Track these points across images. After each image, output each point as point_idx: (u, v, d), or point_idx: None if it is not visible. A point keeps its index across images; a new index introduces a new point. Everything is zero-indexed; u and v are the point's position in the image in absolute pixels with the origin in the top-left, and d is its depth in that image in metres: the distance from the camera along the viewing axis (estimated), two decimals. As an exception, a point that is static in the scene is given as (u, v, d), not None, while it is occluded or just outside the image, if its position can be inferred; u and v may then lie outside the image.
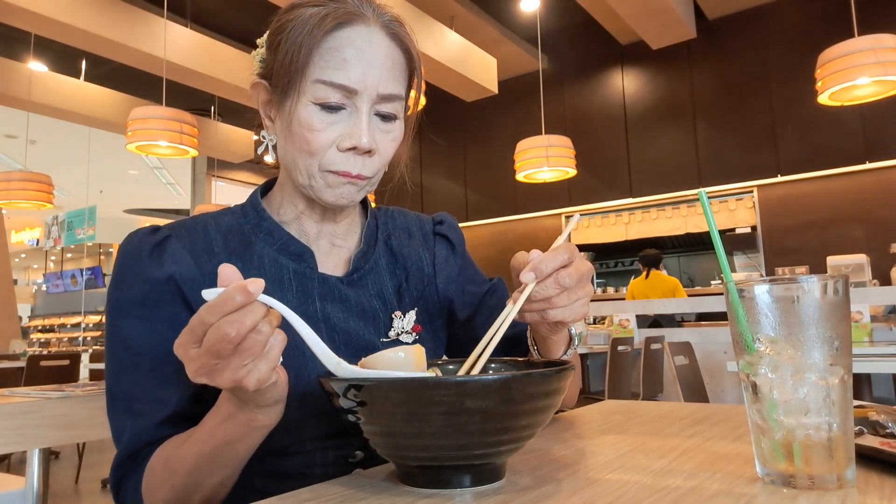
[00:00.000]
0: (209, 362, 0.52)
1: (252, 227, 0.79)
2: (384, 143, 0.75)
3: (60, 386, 1.58)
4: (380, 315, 0.81)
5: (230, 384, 0.52)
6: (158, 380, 0.69)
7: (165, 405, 0.69)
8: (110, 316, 0.72)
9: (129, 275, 0.72)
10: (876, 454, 0.54)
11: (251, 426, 0.60)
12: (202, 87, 6.32)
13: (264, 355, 0.52)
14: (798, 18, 6.16)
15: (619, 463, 0.60)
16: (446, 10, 6.34)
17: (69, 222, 11.31)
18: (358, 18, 0.73)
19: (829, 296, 0.49)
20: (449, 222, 0.95)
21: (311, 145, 0.71)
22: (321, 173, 0.73)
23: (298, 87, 0.71)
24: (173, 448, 0.66)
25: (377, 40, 0.73)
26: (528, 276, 0.64)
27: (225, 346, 0.50)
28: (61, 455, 5.10)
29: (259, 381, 0.53)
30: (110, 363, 0.72)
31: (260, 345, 0.52)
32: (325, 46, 0.71)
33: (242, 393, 0.57)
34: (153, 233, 0.75)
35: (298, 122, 0.71)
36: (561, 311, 0.65)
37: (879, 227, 5.71)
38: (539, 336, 0.76)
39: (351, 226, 0.86)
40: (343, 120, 0.72)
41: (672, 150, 6.76)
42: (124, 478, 0.69)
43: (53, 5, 4.90)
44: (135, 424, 0.69)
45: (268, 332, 0.52)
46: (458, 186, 8.21)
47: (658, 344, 4.02)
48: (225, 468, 0.63)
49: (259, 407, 0.59)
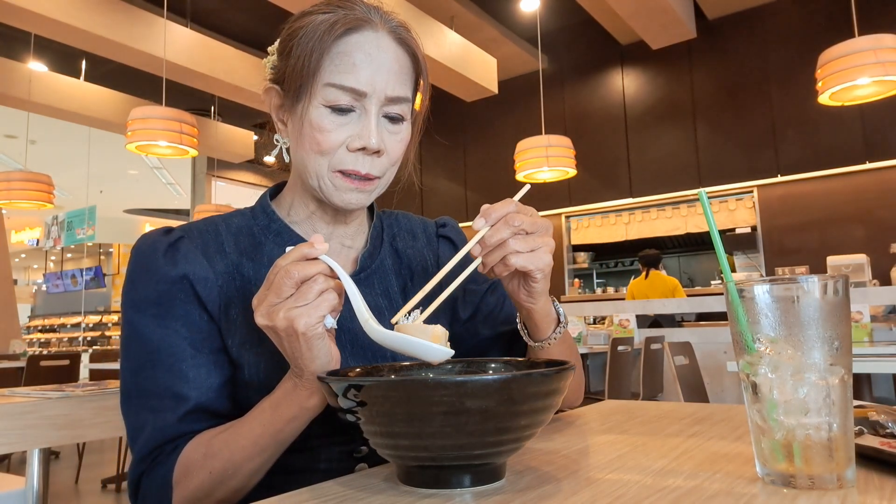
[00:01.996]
0: (272, 301, 0.60)
1: (262, 229, 0.82)
2: (392, 144, 0.77)
3: (60, 386, 1.58)
4: (385, 314, 0.83)
5: (283, 323, 0.60)
6: (176, 376, 0.71)
7: (185, 400, 0.70)
8: (126, 315, 0.74)
9: (144, 274, 0.74)
10: (876, 454, 0.54)
11: (302, 405, 0.65)
12: (202, 87, 6.32)
13: (316, 304, 0.60)
14: (798, 18, 6.17)
15: (619, 463, 0.60)
16: (446, 10, 6.34)
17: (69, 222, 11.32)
18: (366, 24, 0.75)
19: (829, 296, 0.49)
20: (451, 225, 0.98)
21: (321, 146, 0.74)
22: (331, 174, 0.75)
23: (310, 91, 0.74)
24: (216, 433, 0.69)
25: (385, 45, 0.76)
26: (479, 223, 0.68)
27: (286, 285, 0.60)
28: (61, 455, 5.10)
29: (307, 324, 0.59)
30: (126, 361, 0.73)
31: (314, 293, 0.60)
32: (335, 51, 0.74)
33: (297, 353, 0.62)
34: (167, 234, 0.77)
35: (310, 124, 0.74)
36: (523, 257, 0.68)
37: (879, 227, 5.71)
38: (523, 310, 0.77)
39: (359, 227, 0.88)
40: (353, 122, 0.74)
41: (672, 150, 6.76)
42: (145, 473, 0.70)
43: (53, 5, 4.90)
44: (155, 420, 0.70)
45: (323, 284, 0.61)
46: (458, 186, 8.21)
47: (658, 344, 4.02)
48: (264, 452, 0.66)
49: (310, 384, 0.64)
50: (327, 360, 0.63)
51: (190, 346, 0.72)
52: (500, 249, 0.68)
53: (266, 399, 0.68)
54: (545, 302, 0.76)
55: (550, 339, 0.79)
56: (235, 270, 0.77)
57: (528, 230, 0.68)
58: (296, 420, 0.66)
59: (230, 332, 0.75)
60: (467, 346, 0.92)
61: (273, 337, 0.63)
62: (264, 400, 0.68)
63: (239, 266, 0.78)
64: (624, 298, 6.16)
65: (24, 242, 14.35)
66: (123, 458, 4.04)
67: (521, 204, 0.69)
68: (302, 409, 0.65)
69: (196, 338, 0.73)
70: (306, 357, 0.62)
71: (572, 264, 7.70)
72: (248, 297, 0.75)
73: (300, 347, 0.62)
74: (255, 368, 0.74)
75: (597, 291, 7.77)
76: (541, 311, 0.77)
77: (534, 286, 0.72)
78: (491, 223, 0.67)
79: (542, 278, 0.71)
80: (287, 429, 0.66)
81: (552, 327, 0.79)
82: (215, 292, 0.75)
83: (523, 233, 0.68)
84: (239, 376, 0.74)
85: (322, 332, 0.62)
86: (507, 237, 0.67)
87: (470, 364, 0.69)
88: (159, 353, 0.71)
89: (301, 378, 0.65)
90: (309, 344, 0.61)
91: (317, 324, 0.60)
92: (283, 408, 0.66)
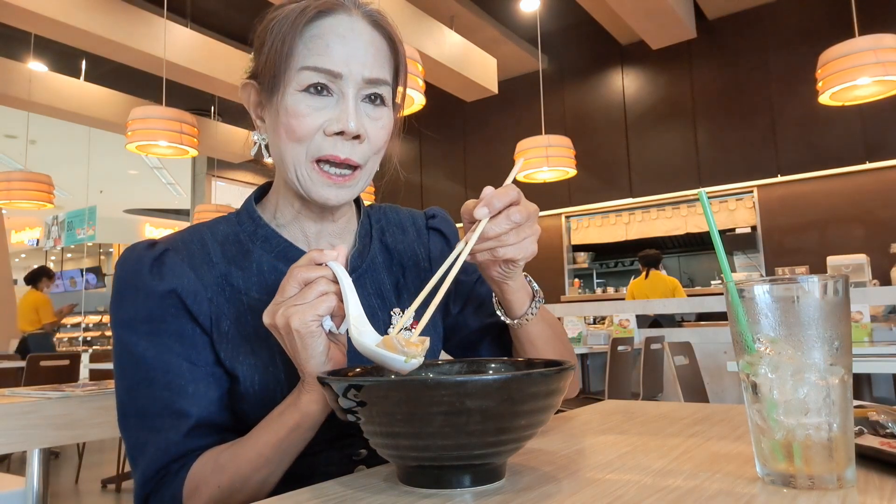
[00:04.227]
0: (277, 300, 0.63)
1: (248, 235, 0.79)
2: (374, 130, 0.74)
3: (60, 386, 1.58)
4: (378, 314, 0.81)
5: (282, 320, 0.62)
6: (175, 393, 0.69)
7: (187, 417, 0.69)
8: (117, 333, 0.72)
9: (131, 291, 0.72)
10: (876, 454, 0.54)
11: (303, 412, 0.65)
12: (202, 87, 6.32)
13: (313, 303, 0.62)
14: (798, 18, 6.16)
15: (619, 463, 0.59)
16: (446, 10, 6.34)
17: (69, 222, 11.31)
18: (339, 7, 0.74)
19: (829, 296, 0.49)
20: (441, 216, 0.96)
21: (296, 132, 0.72)
22: (308, 165, 0.73)
23: (284, 79, 0.72)
24: (224, 448, 0.68)
25: (359, 28, 0.74)
26: (481, 212, 0.66)
27: (290, 286, 0.63)
28: (61, 455, 5.10)
29: (301, 321, 0.61)
30: (122, 381, 0.72)
31: (314, 294, 0.62)
32: (307, 35, 0.72)
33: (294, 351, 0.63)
34: (151, 247, 0.75)
35: (286, 112, 0.72)
36: (511, 248, 0.68)
37: (879, 227, 5.71)
38: (498, 287, 0.76)
39: (348, 225, 0.86)
40: (330, 106, 0.72)
41: (672, 150, 6.76)
42: (153, 493, 0.69)
43: (53, 5, 4.89)
44: (158, 440, 0.69)
45: (324, 287, 0.63)
46: (458, 186, 8.20)
47: (658, 344, 4.02)
48: (270, 463, 0.66)
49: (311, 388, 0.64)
50: (323, 360, 0.63)
51: (185, 360, 0.71)
52: (494, 241, 0.67)
53: (275, 409, 0.68)
54: (519, 277, 0.76)
55: (528, 315, 0.78)
56: (224, 280, 0.75)
57: (520, 222, 0.67)
58: (299, 428, 0.65)
59: (223, 343, 0.73)
60: (459, 336, 0.91)
61: (277, 336, 0.64)
62: (273, 410, 0.68)
63: (227, 275, 0.76)
64: (624, 298, 6.16)
65: (24, 242, 14.34)
66: (123, 458, 4.04)
67: (517, 189, 0.68)
68: (303, 415, 0.65)
69: (190, 352, 0.72)
70: (302, 356, 0.63)
71: (572, 264, 7.70)
72: (239, 307, 0.74)
73: (297, 345, 0.62)
74: (250, 380, 0.73)
75: (597, 291, 7.77)
76: (515, 287, 0.76)
77: (513, 268, 0.72)
78: (493, 214, 0.66)
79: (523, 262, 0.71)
80: (290, 437, 0.66)
81: (527, 302, 0.78)
82: (205, 305, 0.73)
83: (517, 225, 0.67)
84: (234, 388, 0.73)
85: (317, 330, 0.62)
86: (504, 231, 0.67)
87: (470, 364, 0.69)
88: (155, 370, 0.70)
89: (303, 382, 0.65)
90: (304, 342, 0.62)
91: (311, 321, 0.61)
92: (287, 416, 0.66)
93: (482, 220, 0.66)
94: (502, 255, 0.68)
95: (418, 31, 5.85)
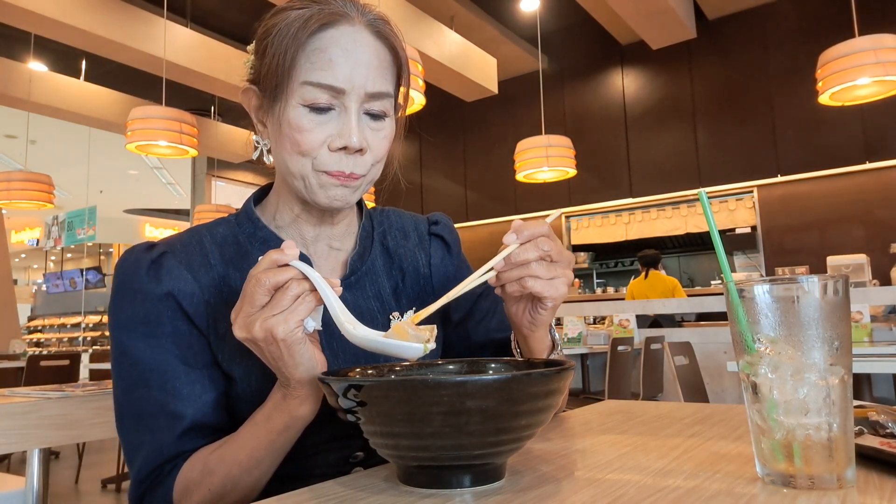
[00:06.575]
0: (248, 311, 0.60)
1: (247, 237, 0.79)
2: (375, 142, 0.74)
3: (60, 386, 1.58)
4: (378, 317, 0.81)
5: (261, 333, 0.59)
6: (170, 394, 0.70)
7: (181, 419, 0.69)
8: (114, 335, 0.73)
9: (128, 293, 0.73)
10: (876, 454, 0.54)
11: (292, 414, 0.64)
12: (202, 87, 6.32)
13: (292, 309, 0.59)
14: (798, 18, 6.16)
15: (619, 463, 0.60)
16: (446, 10, 6.34)
17: (69, 222, 11.31)
18: (342, 18, 0.72)
19: (829, 296, 0.49)
20: (444, 222, 0.95)
21: (301, 146, 0.71)
22: (315, 173, 0.73)
23: (286, 90, 0.71)
24: (212, 450, 0.68)
25: (362, 39, 0.73)
26: (509, 238, 0.66)
27: (258, 294, 0.59)
28: (61, 455, 5.10)
29: (286, 331, 0.59)
30: (119, 382, 0.72)
31: (289, 299, 0.59)
32: (310, 48, 0.71)
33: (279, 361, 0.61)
34: (149, 249, 0.75)
35: (288, 125, 0.71)
36: (541, 283, 0.67)
37: (879, 227, 5.71)
38: (521, 335, 0.76)
39: (348, 228, 0.85)
40: (332, 120, 0.72)
41: (672, 150, 6.76)
42: (147, 494, 0.70)
43: (53, 5, 4.90)
44: (153, 440, 0.69)
45: (297, 289, 0.60)
46: (457, 186, 8.20)
47: (658, 344, 4.02)
48: (261, 464, 0.66)
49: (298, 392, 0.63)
50: (311, 364, 0.62)
51: (182, 363, 0.71)
52: (522, 269, 0.66)
53: (258, 411, 0.67)
54: (546, 327, 0.75)
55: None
56: (222, 282, 0.75)
57: (553, 258, 0.67)
58: (289, 430, 0.65)
59: (220, 346, 0.73)
60: (457, 350, 0.90)
61: (254, 348, 0.62)
62: (256, 412, 0.67)
63: (226, 277, 0.76)
64: (624, 298, 6.15)
65: (24, 242, 14.35)
66: (123, 458, 4.03)
67: (550, 228, 0.68)
68: (293, 418, 0.65)
69: (187, 354, 0.72)
70: (289, 364, 0.61)
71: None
72: None
73: (282, 355, 0.61)
74: (247, 381, 0.73)
75: (597, 291, 7.77)
76: (539, 336, 0.75)
77: (541, 314, 0.71)
78: (521, 241, 0.66)
79: (552, 308, 0.71)
80: (280, 439, 0.66)
81: (546, 353, 0.78)
82: (202, 307, 0.73)
83: (549, 259, 0.67)
84: (231, 390, 0.74)
85: (302, 337, 0.61)
86: (532, 259, 0.66)
87: (470, 364, 0.69)
88: (151, 372, 0.70)
89: (288, 387, 0.64)
90: (290, 351, 0.60)
91: (295, 329, 0.60)
92: (275, 419, 0.65)
93: (510, 244, 0.66)
94: (531, 287, 0.66)
95: (418, 31, 5.85)
